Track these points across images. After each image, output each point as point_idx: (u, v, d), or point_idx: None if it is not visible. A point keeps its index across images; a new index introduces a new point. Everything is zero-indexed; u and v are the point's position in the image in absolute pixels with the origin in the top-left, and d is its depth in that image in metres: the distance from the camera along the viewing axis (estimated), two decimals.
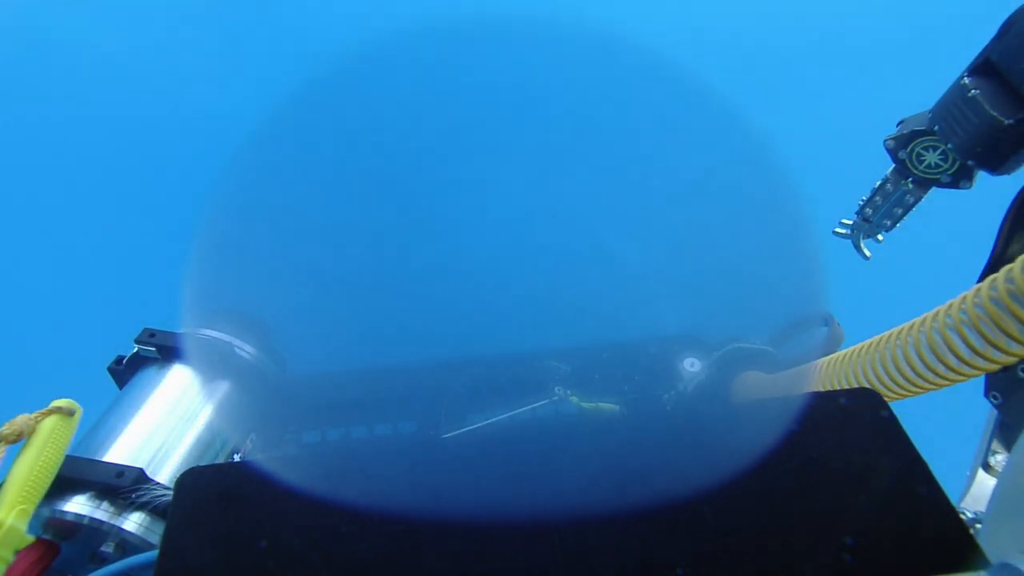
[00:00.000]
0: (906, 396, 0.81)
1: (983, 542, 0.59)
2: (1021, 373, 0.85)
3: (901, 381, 0.78)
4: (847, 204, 1.44)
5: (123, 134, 5.39)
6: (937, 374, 0.74)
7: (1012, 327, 0.65)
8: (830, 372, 0.93)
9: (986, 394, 0.91)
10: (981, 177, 1.20)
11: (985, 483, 1.00)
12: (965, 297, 0.71)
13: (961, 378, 0.74)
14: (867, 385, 0.84)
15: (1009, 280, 0.65)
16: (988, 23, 0.98)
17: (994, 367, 0.70)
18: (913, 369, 0.76)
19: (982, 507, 0.94)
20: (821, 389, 0.95)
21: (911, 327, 0.78)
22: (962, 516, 0.63)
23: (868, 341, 0.87)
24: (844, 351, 0.93)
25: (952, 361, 0.72)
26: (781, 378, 1.21)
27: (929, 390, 0.78)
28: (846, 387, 0.89)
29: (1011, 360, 0.68)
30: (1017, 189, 0.88)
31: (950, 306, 0.73)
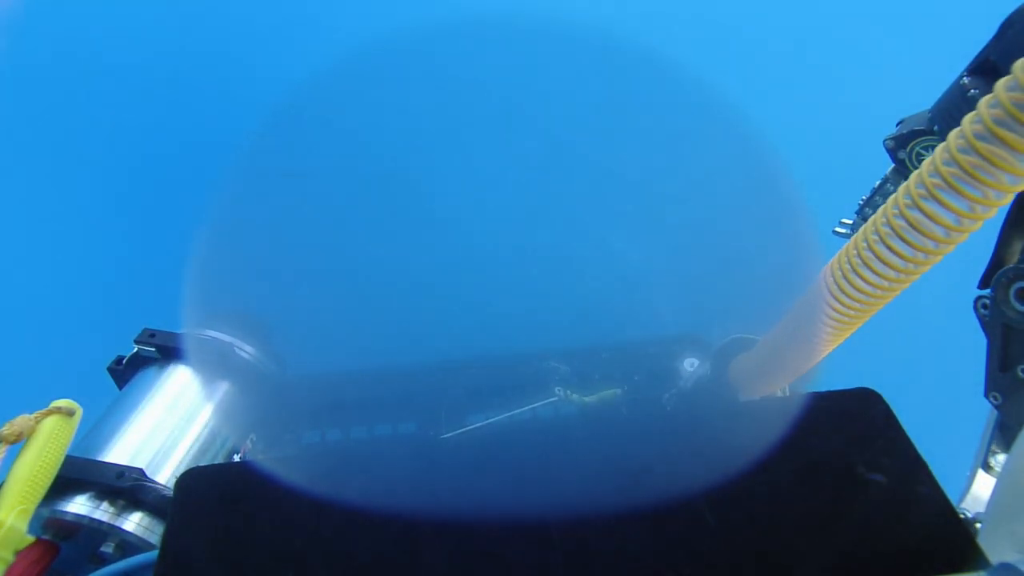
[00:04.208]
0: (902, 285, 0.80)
1: (983, 542, 0.59)
2: (1021, 373, 0.85)
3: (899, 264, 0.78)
4: (847, 204, 1.44)
5: (123, 134, 5.39)
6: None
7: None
8: (810, 301, 0.93)
9: (986, 394, 0.91)
10: None
11: (985, 483, 1.00)
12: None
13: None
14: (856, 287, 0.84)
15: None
16: (988, 23, 0.98)
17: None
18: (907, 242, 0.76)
19: (982, 507, 0.94)
20: (805, 332, 0.95)
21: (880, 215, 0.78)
22: (962, 516, 0.63)
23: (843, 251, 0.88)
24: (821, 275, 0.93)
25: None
26: (767, 341, 1.20)
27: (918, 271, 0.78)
28: (833, 307, 0.89)
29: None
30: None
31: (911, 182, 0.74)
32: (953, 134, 0.70)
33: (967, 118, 0.69)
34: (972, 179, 0.67)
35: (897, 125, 1.26)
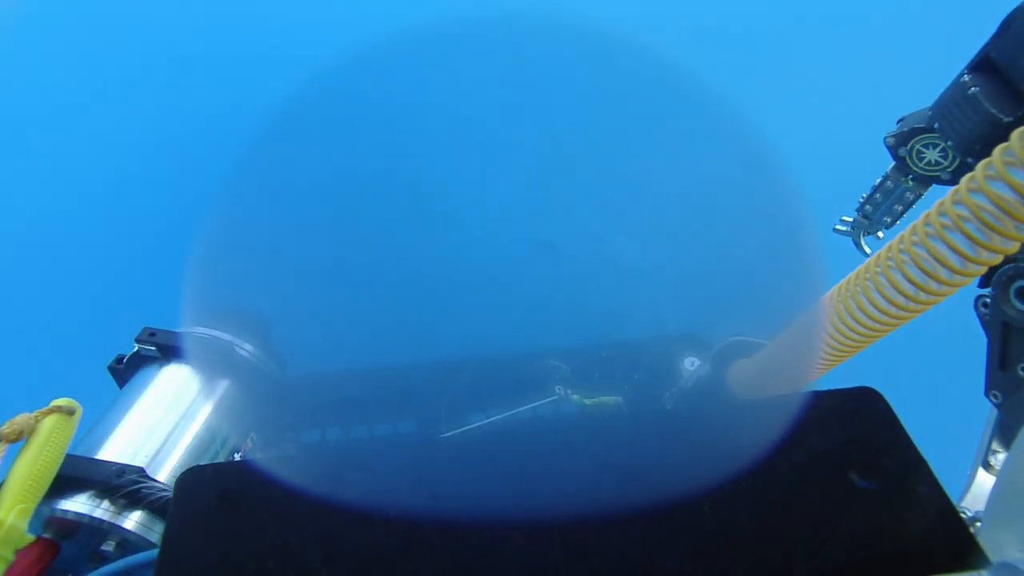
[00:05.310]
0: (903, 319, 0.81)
1: (983, 541, 0.59)
2: (1021, 372, 0.85)
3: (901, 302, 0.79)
4: (847, 201, 1.44)
5: (123, 133, 5.39)
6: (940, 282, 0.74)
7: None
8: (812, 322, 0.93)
9: (986, 393, 0.91)
10: None
11: (985, 483, 1.00)
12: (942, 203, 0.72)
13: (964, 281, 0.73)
14: (860, 319, 0.84)
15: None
16: (989, 20, 0.98)
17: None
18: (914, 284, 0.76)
19: (982, 506, 0.94)
20: (805, 348, 0.96)
21: (887, 250, 0.78)
22: (962, 515, 0.63)
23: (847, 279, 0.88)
24: (826, 296, 0.94)
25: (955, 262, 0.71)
26: (767, 352, 1.21)
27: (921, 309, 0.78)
28: (834, 330, 0.90)
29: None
30: None
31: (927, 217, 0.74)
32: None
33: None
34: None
35: (897, 123, 1.26)
